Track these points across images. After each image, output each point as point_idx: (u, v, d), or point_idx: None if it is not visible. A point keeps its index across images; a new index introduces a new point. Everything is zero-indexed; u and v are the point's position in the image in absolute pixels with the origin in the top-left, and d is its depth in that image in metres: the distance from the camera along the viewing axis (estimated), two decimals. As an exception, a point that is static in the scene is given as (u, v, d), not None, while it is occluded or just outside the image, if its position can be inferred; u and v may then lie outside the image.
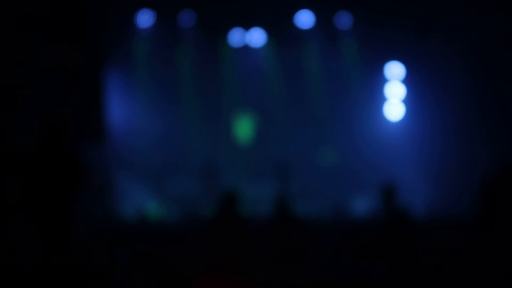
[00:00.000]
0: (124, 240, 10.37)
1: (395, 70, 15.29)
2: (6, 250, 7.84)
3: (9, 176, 8.22)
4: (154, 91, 14.99)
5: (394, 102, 15.32)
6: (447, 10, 13.47)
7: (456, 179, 13.12)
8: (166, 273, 8.86)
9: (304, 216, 10.73)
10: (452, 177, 13.50)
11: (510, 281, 7.85)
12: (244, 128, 15.51)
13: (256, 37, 15.22)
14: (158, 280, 8.62)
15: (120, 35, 14.41)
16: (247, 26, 15.09)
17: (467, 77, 13.72)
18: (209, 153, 15.06)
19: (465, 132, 13.81)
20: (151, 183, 14.49)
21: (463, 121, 13.85)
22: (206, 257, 9.62)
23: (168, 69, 15.11)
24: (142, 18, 14.65)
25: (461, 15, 13.28)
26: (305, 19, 14.89)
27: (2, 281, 7.54)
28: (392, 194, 10.13)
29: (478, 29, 13.17)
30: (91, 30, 12.98)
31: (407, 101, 15.29)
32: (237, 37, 15.19)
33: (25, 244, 8.02)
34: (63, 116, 8.99)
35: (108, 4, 13.29)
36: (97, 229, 10.03)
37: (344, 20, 15.01)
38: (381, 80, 15.38)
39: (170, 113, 15.06)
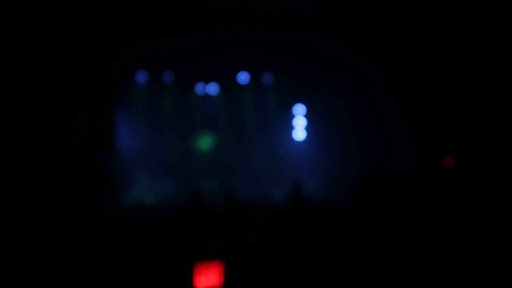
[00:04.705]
0: (128, 219, 10.28)
1: (300, 109, 15.29)
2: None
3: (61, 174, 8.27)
4: (147, 122, 14.85)
5: (300, 129, 15.29)
6: (326, 75, 13.65)
7: (339, 180, 13.02)
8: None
9: (243, 202, 10.71)
10: (337, 178, 13.40)
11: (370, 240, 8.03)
12: (205, 144, 15.30)
13: (213, 89, 15.15)
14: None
15: (126, 86, 14.39)
16: (207, 81, 15.04)
17: (340, 115, 13.85)
18: (183, 161, 14.93)
19: (345, 149, 13.75)
20: (146, 181, 14.31)
21: (343, 141, 13.82)
22: (182, 229, 9.60)
23: (156, 107, 14.95)
24: (140, 76, 14.60)
25: (335, 78, 13.48)
26: (243, 77, 14.92)
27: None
28: (299, 187, 10.41)
29: (344, 87, 13.42)
30: (109, 84, 12.91)
31: (308, 128, 15.28)
32: (200, 89, 15.13)
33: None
34: (92, 141, 9.17)
35: (118, 68, 13.21)
36: (112, 212, 9.83)
37: (268, 78, 15.06)
38: (291, 115, 15.37)
39: (158, 136, 14.89)
